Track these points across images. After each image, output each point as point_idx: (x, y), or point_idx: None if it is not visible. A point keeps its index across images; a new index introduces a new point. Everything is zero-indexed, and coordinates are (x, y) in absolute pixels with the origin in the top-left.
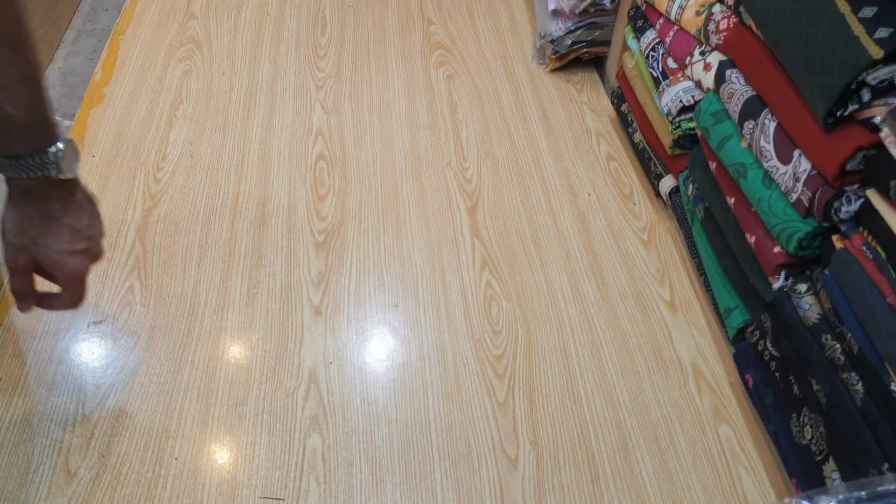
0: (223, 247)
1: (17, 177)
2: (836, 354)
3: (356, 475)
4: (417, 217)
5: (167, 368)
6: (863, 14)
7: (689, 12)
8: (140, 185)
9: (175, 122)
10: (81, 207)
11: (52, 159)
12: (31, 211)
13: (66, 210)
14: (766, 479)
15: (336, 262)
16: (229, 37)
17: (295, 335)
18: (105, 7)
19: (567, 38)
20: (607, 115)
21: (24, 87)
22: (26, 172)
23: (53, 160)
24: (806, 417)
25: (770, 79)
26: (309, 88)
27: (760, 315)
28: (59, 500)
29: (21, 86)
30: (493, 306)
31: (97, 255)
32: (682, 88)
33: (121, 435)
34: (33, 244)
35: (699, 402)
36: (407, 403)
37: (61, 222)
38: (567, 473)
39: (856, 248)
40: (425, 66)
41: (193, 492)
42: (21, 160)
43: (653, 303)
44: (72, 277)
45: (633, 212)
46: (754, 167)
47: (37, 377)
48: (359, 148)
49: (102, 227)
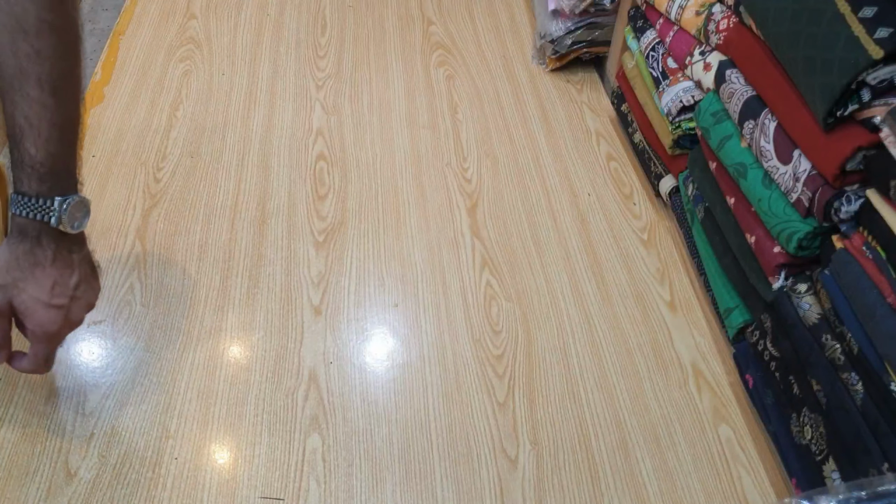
0: (223, 247)
1: (18, 214)
2: (836, 354)
3: (356, 475)
4: (417, 217)
5: (167, 368)
6: (863, 14)
7: (689, 12)
8: (140, 185)
9: (175, 122)
10: (73, 266)
11: (56, 208)
12: (21, 252)
13: (56, 262)
14: (766, 479)
15: (336, 262)
16: (229, 37)
17: (295, 335)
18: (105, 7)
19: (567, 38)
20: (607, 115)
21: (50, 131)
22: (27, 212)
23: (57, 209)
24: (806, 417)
25: (770, 79)
26: (309, 88)
27: (760, 315)
28: (59, 500)
29: (48, 130)
30: (493, 306)
31: (75, 320)
32: (682, 88)
33: (121, 435)
34: (14, 285)
35: (699, 402)
36: (407, 403)
37: (46, 271)
38: (567, 473)
39: (856, 248)
40: (425, 66)
41: (193, 492)
42: (26, 199)
43: (653, 303)
44: (40, 332)
45: (633, 212)
46: (754, 167)
47: (37, 377)
48: (359, 148)
49: (94, 297)
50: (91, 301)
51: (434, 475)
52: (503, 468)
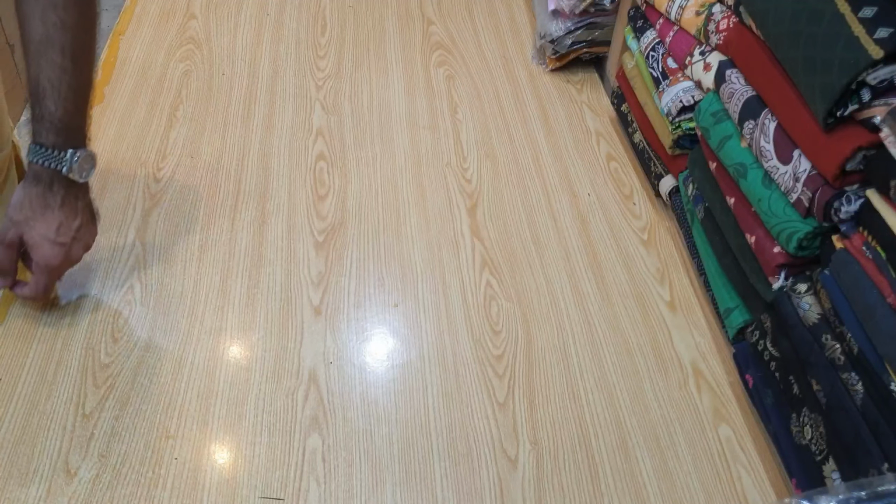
0: (223, 247)
1: (35, 162)
2: (836, 354)
3: (356, 475)
4: (417, 217)
5: (167, 368)
6: (863, 14)
7: (689, 12)
8: (140, 185)
9: (175, 122)
10: (77, 211)
11: (68, 158)
12: (34, 194)
13: (64, 206)
14: (766, 479)
15: (336, 262)
16: (229, 37)
17: (295, 335)
18: (105, 7)
19: (567, 38)
20: (607, 115)
21: (67, 93)
22: (42, 160)
23: (69, 160)
24: (806, 417)
25: (770, 79)
26: (309, 88)
27: (760, 315)
28: (59, 500)
29: (66, 91)
30: (493, 306)
31: (74, 257)
32: (682, 88)
33: (121, 435)
34: (25, 222)
35: (699, 402)
36: (407, 403)
37: (55, 213)
38: (567, 473)
39: (856, 249)
40: (425, 66)
41: (193, 492)
42: (43, 149)
43: (653, 303)
44: (44, 264)
45: (633, 212)
46: (754, 167)
47: (37, 377)
48: (359, 148)
49: (92, 240)
50: (89, 243)
51: (434, 475)
52: (503, 468)
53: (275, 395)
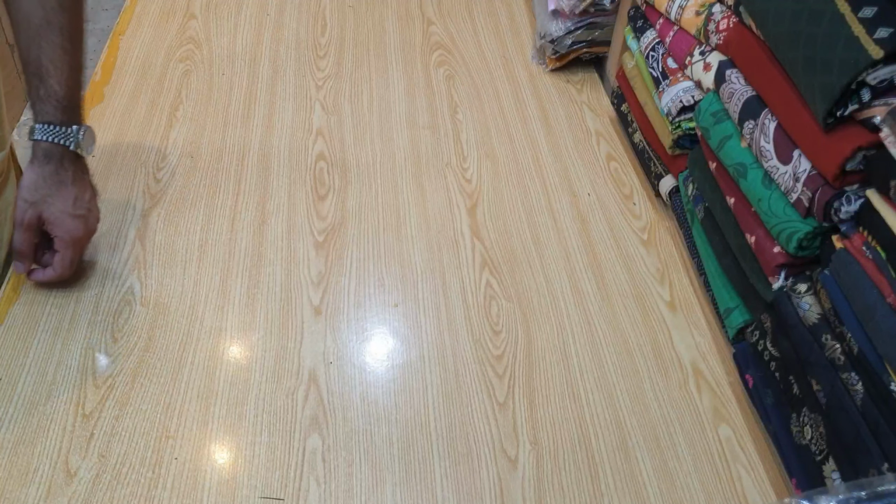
0: (223, 247)
1: (43, 140)
2: (836, 354)
3: (356, 475)
4: (417, 217)
5: (167, 368)
6: (863, 14)
7: (689, 12)
8: (140, 185)
9: (175, 122)
10: (86, 185)
11: (73, 134)
12: (47, 172)
13: (75, 181)
14: (766, 479)
15: (336, 262)
16: (229, 37)
17: (295, 335)
18: (105, 7)
19: (567, 38)
20: (607, 115)
21: (69, 72)
22: (52, 138)
23: (74, 136)
24: (806, 417)
25: (770, 79)
26: (309, 88)
27: (760, 315)
28: (59, 500)
29: (67, 71)
30: (493, 306)
31: (92, 226)
32: (682, 88)
33: (121, 435)
34: (43, 201)
35: (699, 402)
36: (407, 403)
37: (69, 189)
38: (567, 473)
39: (856, 248)
40: (425, 66)
41: (193, 492)
42: (52, 126)
43: (653, 303)
44: (69, 238)
45: (633, 212)
46: (754, 167)
47: (37, 377)
48: (359, 148)
49: (99, 212)
50: (97, 215)
51: (434, 475)
52: (503, 468)
53: (275, 395)
